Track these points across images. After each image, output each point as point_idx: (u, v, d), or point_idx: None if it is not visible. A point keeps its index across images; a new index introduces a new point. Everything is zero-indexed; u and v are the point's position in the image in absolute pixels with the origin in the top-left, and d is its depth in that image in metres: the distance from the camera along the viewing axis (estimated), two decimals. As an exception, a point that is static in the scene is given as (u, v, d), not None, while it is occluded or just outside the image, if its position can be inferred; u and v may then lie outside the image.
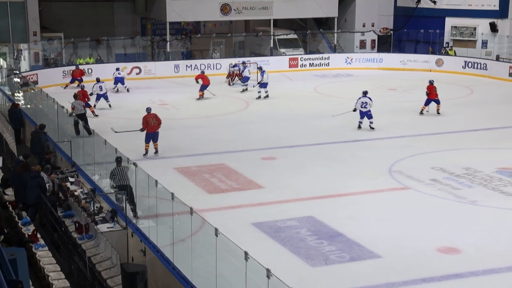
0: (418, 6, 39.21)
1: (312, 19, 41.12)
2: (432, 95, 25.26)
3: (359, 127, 23.04)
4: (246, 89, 30.25)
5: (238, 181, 17.38)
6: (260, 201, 15.91)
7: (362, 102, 22.98)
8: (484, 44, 36.59)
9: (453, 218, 14.88)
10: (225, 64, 34.09)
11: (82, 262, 11.71)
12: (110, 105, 26.73)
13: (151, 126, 19.83)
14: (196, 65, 35.07)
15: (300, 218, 14.63)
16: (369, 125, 22.87)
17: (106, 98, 26.71)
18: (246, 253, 8.94)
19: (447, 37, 37.99)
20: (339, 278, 12.00)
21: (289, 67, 36.18)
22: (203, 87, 28.73)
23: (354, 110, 23.15)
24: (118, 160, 14.87)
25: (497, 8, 36.18)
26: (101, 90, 26.62)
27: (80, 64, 33.68)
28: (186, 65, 35.02)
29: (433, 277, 11.81)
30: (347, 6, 40.34)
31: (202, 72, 29.79)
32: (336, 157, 19.73)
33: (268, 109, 26.70)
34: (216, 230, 9.80)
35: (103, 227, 12.99)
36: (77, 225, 13.42)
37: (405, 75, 35.11)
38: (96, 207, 14.00)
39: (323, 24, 41.32)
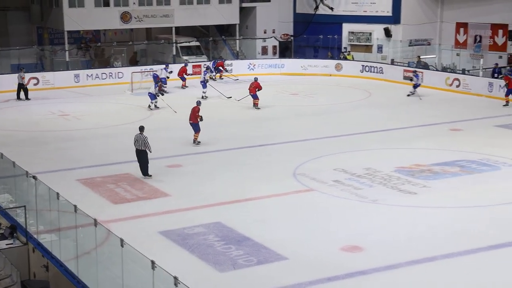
0: (316, 12, 40.29)
1: (214, 26, 41.34)
2: (511, 85, 27.63)
3: None
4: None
5: (144, 190, 17.18)
6: (167, 209, 15.80)
7: None
8: (380, 48, 38.10)
9: (355, 218, 15.37)
10: (128, 72, 33.54)
11: (-20, 282, 11.20)
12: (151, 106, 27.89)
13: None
14: (97, 74, 34.37)
15: (208, 224, 14.65)
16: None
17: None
18: (153, 262, 8.88)
19: (345, 42, 39.23)
20: (248, 281, 12.11)
21: (193, 74, 36.09)
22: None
23: None
24: (141, 128, 18.32)
25: (390, 14, 37.78)
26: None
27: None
28: (87, 75, 34.24)
29: (337, 276, 12.14)
30: (248, 13, 40.84)
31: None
32: (242, 162, 19.91)
33: (173, 116, 26.56)
34: (122, 240, 9.67)
35: (1, 244, 12.48)
36: (-27, 243, 12.81)
37: (307, 80, 35.95)
38: (-6, 223, 13.44)
39: (225, 31, 41.62)
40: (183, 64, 34.81)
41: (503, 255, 13.16)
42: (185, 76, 33.54)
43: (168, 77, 31.47)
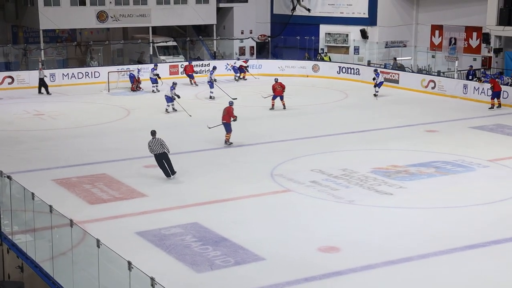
0: (294, 13, 40.44)
1: (191, 26, 41.25)
2: (496, 88, 27.55)
3: None
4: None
5: (120, 191, 17.07)
6: (143, 210, 15.71)
7: None
8: (356, 50, 38.36)
9: (332, 218, 15.43)
10: (104, 72, 33.37)
11: (-47, 284, 11.04)
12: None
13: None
14: (73, 73, 34.08)
15: (185, 225, 14.60)
16: None
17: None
18: (129, 263, 8.83)
19: (322, 44, 39.44)
20: (225, 282, 12.09)
21: (170, 74, 35.89)
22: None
23: None
24: (153, 132, 17.71)
25: (366, 16, 38.07)
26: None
27: None
28: (63, 74, 33.95)
29: (314, 276, 12.18)
30: (225, 13, 40.83)
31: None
32: (219, 163, 19.88)
33: (149, 116, 26.45)
34: (98, 241, 9.60)
35: (-24, 245, 12.32)
36: None
37: (284, 80, 35.83)
38: (-32, 224, 13.26)
39: (202, 31, 41.57)
40: (187, 63, 34.98)
41: (479, 255, 13.30)
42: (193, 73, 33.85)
43: (159, 77, 31.15)
